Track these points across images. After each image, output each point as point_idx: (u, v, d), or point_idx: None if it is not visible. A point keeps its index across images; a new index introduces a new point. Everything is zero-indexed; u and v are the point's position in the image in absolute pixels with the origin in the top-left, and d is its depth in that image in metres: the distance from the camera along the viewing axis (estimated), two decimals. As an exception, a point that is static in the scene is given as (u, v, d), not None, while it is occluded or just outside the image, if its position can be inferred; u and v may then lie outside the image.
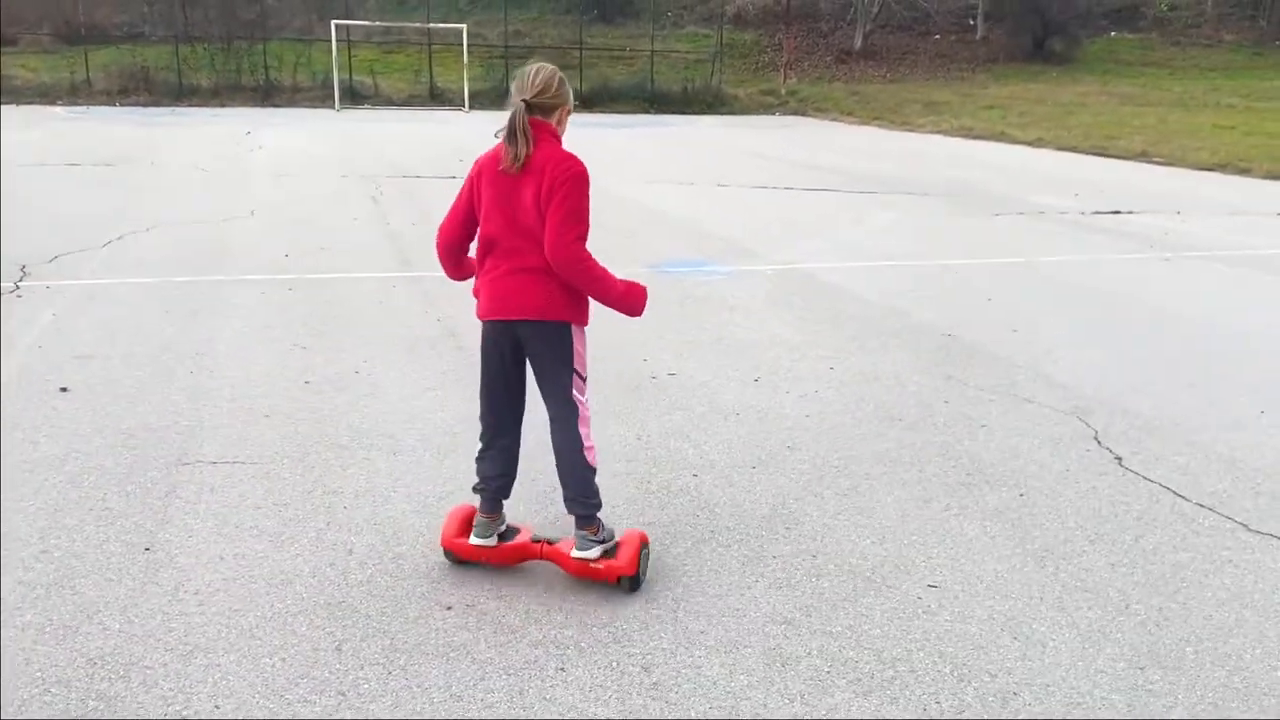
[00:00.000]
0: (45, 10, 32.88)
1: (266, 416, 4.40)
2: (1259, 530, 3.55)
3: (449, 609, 2.92)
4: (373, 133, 20.25)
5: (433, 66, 30.62)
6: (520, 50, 32.70)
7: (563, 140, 2.95)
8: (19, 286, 6.56)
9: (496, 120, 2.87)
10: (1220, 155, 17.24)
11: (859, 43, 38.36)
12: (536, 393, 3.06)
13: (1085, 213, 11.32)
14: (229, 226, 9.10)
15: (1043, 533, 3.50)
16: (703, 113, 29.70)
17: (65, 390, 4.65)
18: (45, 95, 26.51)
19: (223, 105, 27.28)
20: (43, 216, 9.24)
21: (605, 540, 3.06)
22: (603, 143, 19.10)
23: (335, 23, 28.81)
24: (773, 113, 30.21)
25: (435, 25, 32.42)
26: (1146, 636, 2.87)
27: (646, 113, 29.42)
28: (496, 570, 3.13)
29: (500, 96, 29.17)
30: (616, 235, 8.61)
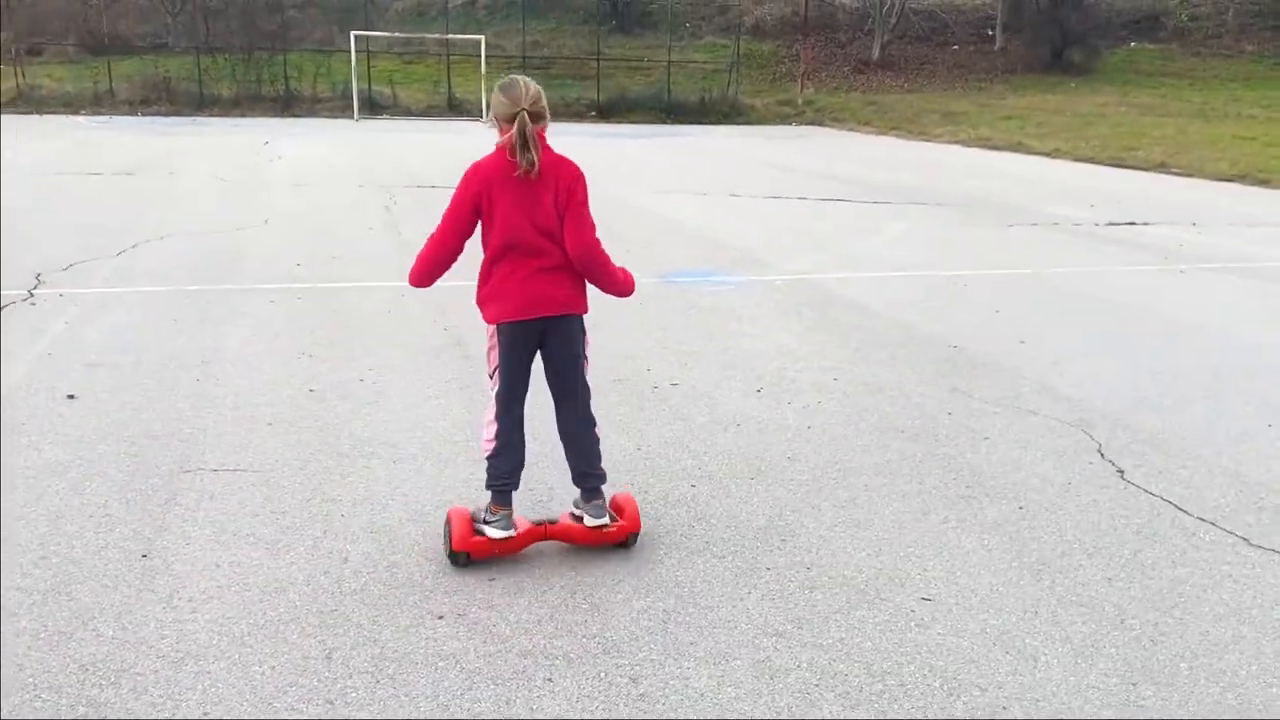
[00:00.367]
0: (71, 21, 33.38)
1: (269, 424, 4.43)
2: (1260, 545, 3.51)
3: (440, 618, 2.93)
4: (391, 143, 20.38)
5: (451, 77, 30.83)
6: (538, 61, 32.97)
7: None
8: (33, 294, 6.64)
9: None
10: (1240, 166, 17.11)
11: (877, 53, 38.36)
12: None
13: (1100, 224, 11.26)
14: (243, 236, 9.18)
15: (1040, 546, 3.47)
16: (719, 123, 29.75)
17: (72, 397, 4.70)
18: (69, 105, 26.89)
19: (243, 115, 27.54)
20: (61, 225, 9.35)
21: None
22: (619, 152, 19.16)
23: (355, 33, 29.04)
24: (790, 123, 30.22)
25: (454, 36, 32.70)
26: (1141, 652, 2.85)
27: (663, 123, 29.48)
28: (490, 580, 3.14)
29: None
30: (630, 245, 8.61)
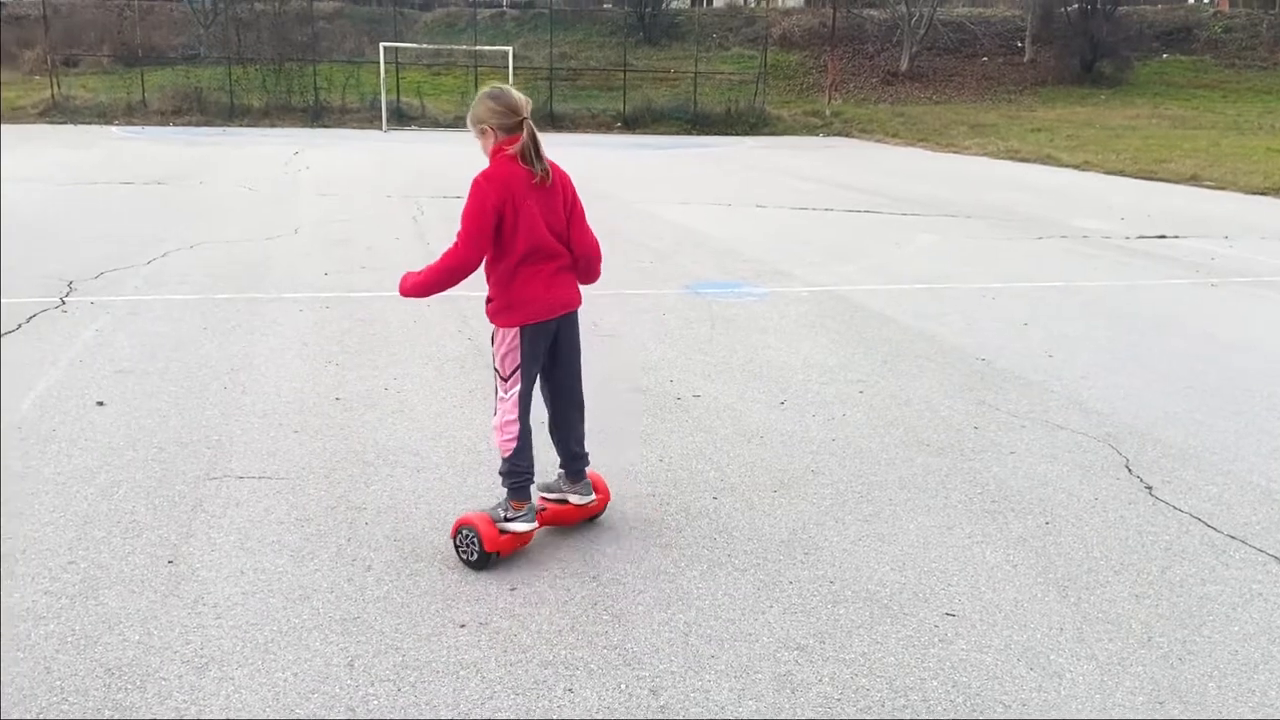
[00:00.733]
0: (105, 32, 33.91)
1: (296, 432, 4.46)
2: (1292, 564, 3.46)
3: (462, 626, 2.94)
4: (419, 154, 20.52)
5: (479, 88, 30.91)
6: (565, 72, 33.11)
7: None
8: (65, 301, 6.73)
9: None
10: (1274, 179, 16.91)
11: (905, 64, 38.27)
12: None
13: (1130, 237, 11.16)
14: (272, 245, 9.27)
15: (1066, 562, 3.44)
16: (746, 134, 29.74)
17: (102, 404, 4.75)
18: (102, 115, 27.26)
19: (272, 126, 27.84)
20: (92, 233, 9.48)
21: None
22: (643, 163, 19.21)
23: (384, 45, 29.28)
24: (817, 134, 30.15)
25: (482, 48, 32.91)
26: (1168, 670, 2.81)
27: (689, 134, 29.52)
28: (511, 590, 3.14)
29: (544, 119, 29.20)
30: (654, 256, 8.63)
